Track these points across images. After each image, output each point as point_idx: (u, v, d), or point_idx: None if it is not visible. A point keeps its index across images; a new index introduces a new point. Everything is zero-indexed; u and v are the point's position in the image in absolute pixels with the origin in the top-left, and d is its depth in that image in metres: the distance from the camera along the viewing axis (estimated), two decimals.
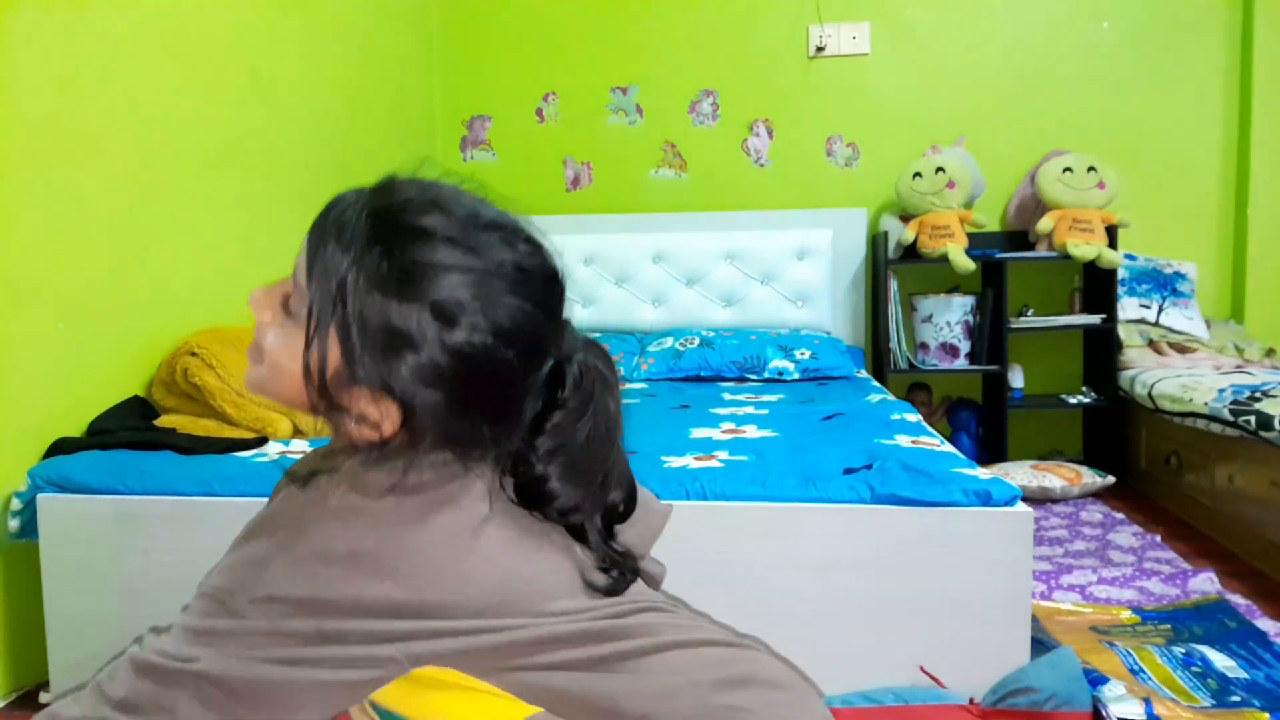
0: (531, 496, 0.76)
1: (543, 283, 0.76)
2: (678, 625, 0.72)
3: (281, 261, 3.16)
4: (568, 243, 3.47)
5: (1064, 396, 3.43)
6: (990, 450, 3.42)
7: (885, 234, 3.41)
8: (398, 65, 3.50)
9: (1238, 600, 2.11)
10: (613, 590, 0.75)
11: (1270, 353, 3.31)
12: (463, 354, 0.71)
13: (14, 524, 1.72)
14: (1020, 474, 3.05)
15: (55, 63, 1.84)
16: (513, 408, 0.76)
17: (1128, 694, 1.55)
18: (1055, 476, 3.04)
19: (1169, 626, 1.98)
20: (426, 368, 0.70)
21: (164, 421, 1.95)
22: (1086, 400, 3.39)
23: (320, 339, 0.72)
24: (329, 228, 0.75)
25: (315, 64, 2.84)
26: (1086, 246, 3.25)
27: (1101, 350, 3.41)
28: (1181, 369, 3.14)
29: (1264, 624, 1.97)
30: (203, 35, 2.29)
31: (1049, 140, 3.55)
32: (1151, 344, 3.35)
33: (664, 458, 1.74)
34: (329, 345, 0.72)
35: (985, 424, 3.53)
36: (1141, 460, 3.21)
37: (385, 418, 0.72)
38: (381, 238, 0.72)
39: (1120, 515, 2.85)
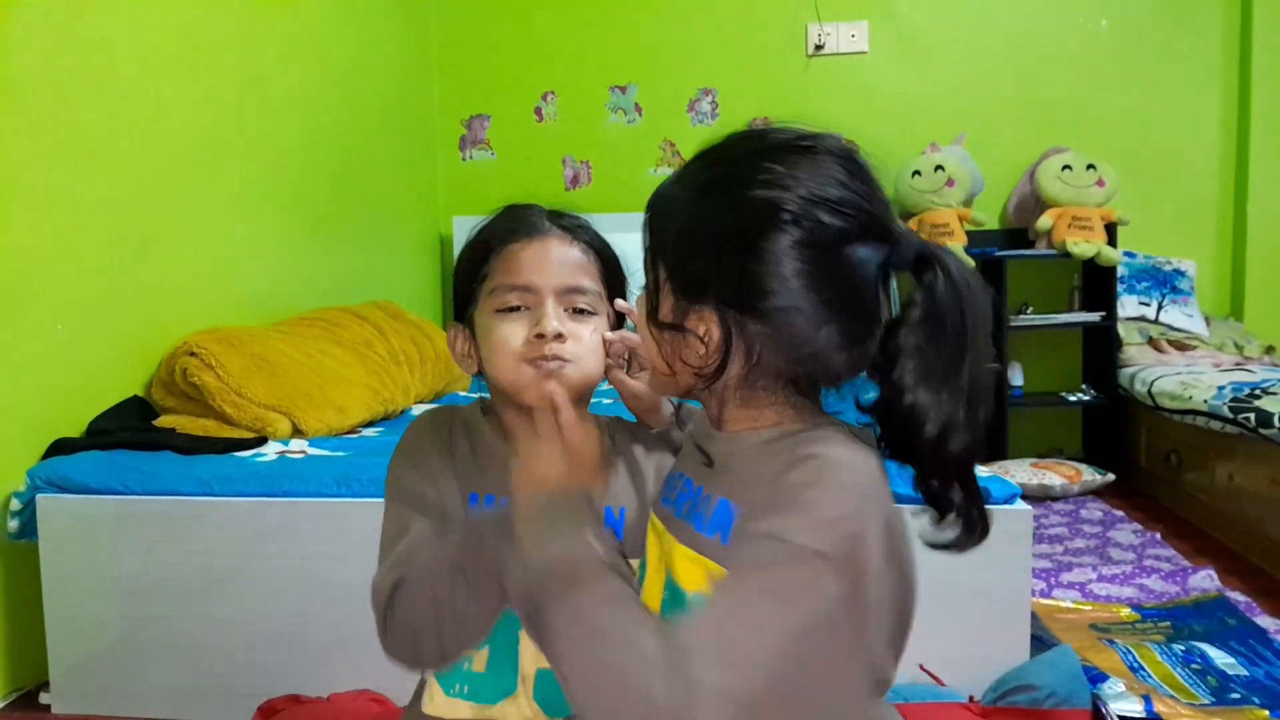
0: (895, 426, 0.70)
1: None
2: None
3: (280, 260, 3.17)
4: None
5: (1063, 394, 3.43)
6: (990, 448, 3.42)
7: None
8: (396, 64, 3.50)
9: (1237, 597, 2.11)
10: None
11: (1270, 350, 3.31)
12: (796, 241, 0.69)
13: (13, 524, 1.72)
14: (1020, 472, 3.05)
15: (55, 63, 1.84)
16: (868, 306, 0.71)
17: (1127, 691, 1.55)
18: (1055, 474, 3.04)
19: (1169, 624, 1.98)
20: (744, 264, 0.70)
21: (163, 421, 1.95)
22: (1086, 398, 3.39)
23: (655, 283, 0.77)
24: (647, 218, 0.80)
25: (314, 64, 2.84)
26: (1086, 244, 3.25)
27: (1101, 348, 3.41)
28: (1181, 366, 3.14)
29: (1264, 621, 1.97)
30: (201, 35, 2.28)
31: (1048, 138, 3.55)
32: (1151, 341, 3.35)
33: None
34: (662, 287, 0.76)
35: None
36: (1141, 458, 3.21)
37: (706, 329, 0.73)
38: (679, 180, 0.78)
39: (1120, 513, 2.85)
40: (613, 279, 1.01)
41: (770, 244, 0.69)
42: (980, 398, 0.71)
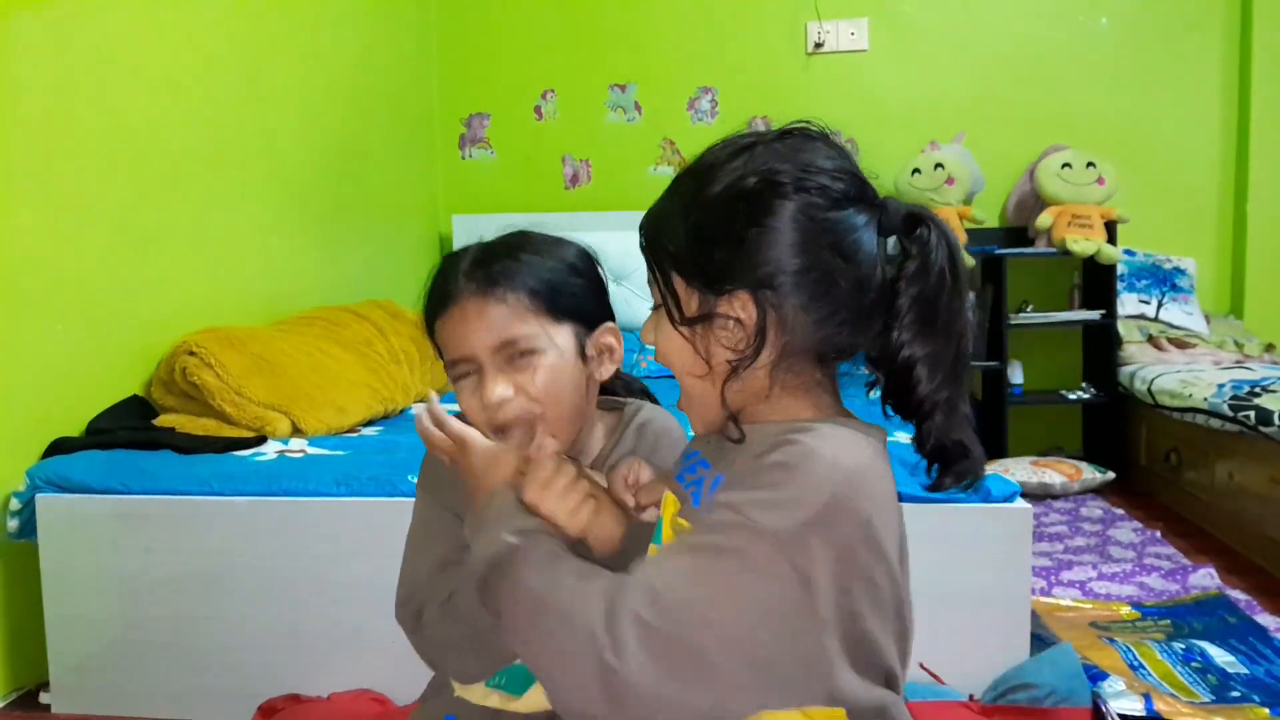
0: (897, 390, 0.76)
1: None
2: None
3: (280, 259, 3.17)
4: None
5: (1063, 392, 3.43)
6: (990, 446, 3.42)
7: None
8: (396, 63, 3.50)
9: (1237, 595, 2.11)
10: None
11: (1269, 348, 3.31)
12: (801, 208, 0.73)
13: (13, 524, 1.72)
14: (1020, 470, 3.05)
15: (54, 63, 1.84)
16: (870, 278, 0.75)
17: (1128, 690, 1.55)
18: (1055, 472, 3.04)
19: (1169, 622, 1.98)
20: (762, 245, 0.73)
21: (163, 421, 1.95)
22: (1086, 396, 3.38)
23: (667, 286, 0.78)
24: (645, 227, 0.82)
25: (313, 62, 2.83)
26: (1086, 242, 3.25)
27: (1101, 346, 3.41)
28: (1181, 365, 3.14)
29: (1264, 619, 1.97)
30: (200, 35, 2.28)
31: (1048, 136, 3.55)
32: (1151, 340, 3.35)
33: None
34: (678, 291, 0.77)
35: (985, 420, 3.53)
36: (1141, 456, 3.21)
37: (739, 311, 0.75)
38: (671, 196, 0.80)
39: (1120, 511, 2.85)
40: (557, 295, 0.97)
41: (779, 215, 0.73)
42: (969, 341, 0.77)
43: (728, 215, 0.74)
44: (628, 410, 1.08)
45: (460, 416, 1.05)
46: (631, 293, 3.52)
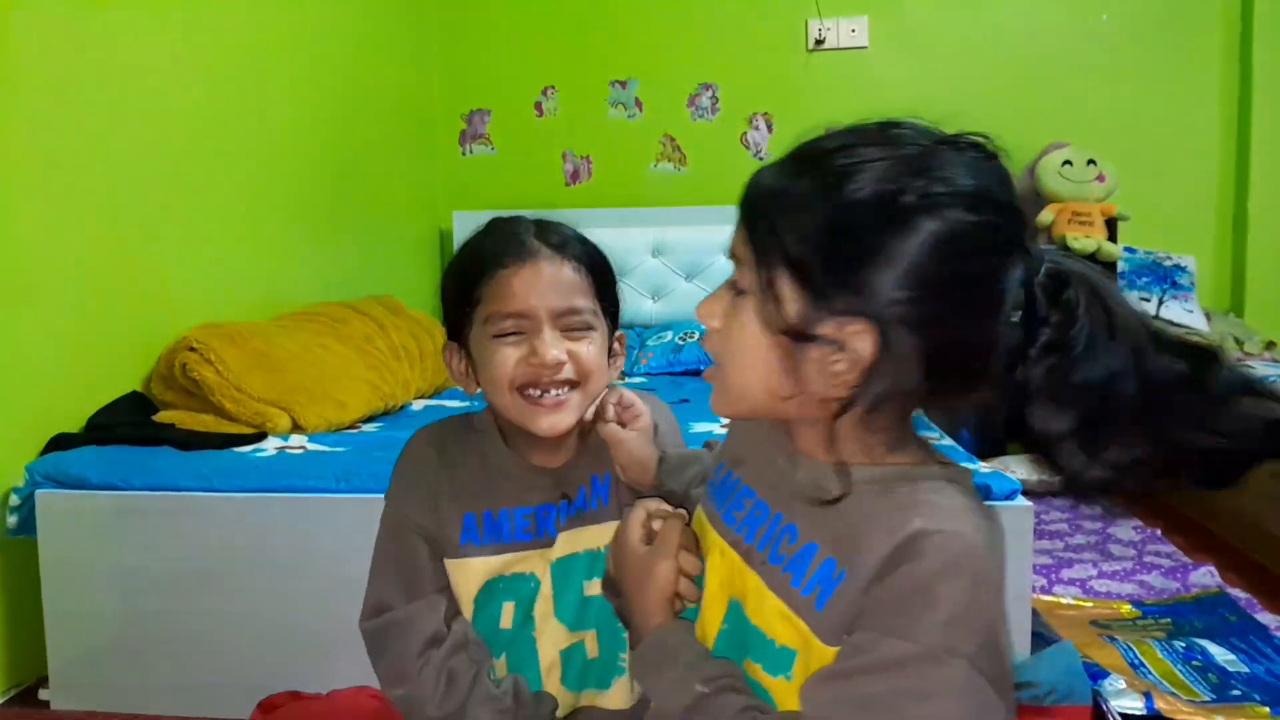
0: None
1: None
2: None
3: (280, 255, 3.15)
4: None
5: None
6: (990, 444, 3.41)
7: None
8: (396, 59, 3.49)
9: (1238, 594, 2.10)
10: None
11: (1270, 345, 3.31)
12: (939, 241, 0.62)
13: (12, 520, 1.71)
14: (1020, 468, 3.05)
15: (56, 58, 1.83)
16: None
17: (1128, 688, 1.55)
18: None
19: (1169, 620, 1.98)
20: (897, 266, 0.62)
21: (162, 417, 1.95)
22: None
23: (770, 287, 0.66)
24: (754, 199, 0.71)
25: (313, 58, 2.83)
26: (1086, 239, 3.25)
27: None
28: None
29: (1264, 618, 1.97)
30: (201, 30, 2.27)
31: (1048, 133, 3.54)
32: None
33: None
34: (782, 291, 0.65)
35: (985, 418, 3.51)
36: None
37: (857, 341, 0.64)
38: (797, 174, 0.67)
39: (1120, 509, 2.84)
40: (605, 289, 1.00)
41: (924, 244, 0.62)
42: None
43: (871, 227, 0.63)
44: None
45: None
46: (633, 289, 3.52)
